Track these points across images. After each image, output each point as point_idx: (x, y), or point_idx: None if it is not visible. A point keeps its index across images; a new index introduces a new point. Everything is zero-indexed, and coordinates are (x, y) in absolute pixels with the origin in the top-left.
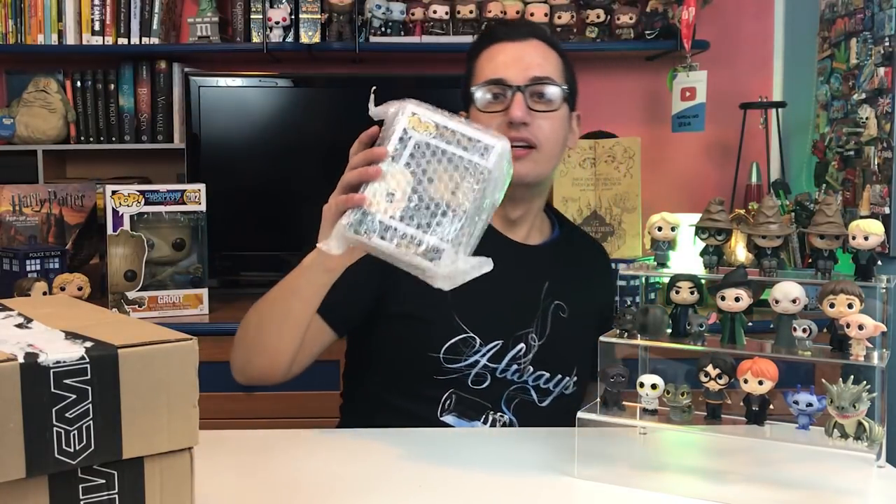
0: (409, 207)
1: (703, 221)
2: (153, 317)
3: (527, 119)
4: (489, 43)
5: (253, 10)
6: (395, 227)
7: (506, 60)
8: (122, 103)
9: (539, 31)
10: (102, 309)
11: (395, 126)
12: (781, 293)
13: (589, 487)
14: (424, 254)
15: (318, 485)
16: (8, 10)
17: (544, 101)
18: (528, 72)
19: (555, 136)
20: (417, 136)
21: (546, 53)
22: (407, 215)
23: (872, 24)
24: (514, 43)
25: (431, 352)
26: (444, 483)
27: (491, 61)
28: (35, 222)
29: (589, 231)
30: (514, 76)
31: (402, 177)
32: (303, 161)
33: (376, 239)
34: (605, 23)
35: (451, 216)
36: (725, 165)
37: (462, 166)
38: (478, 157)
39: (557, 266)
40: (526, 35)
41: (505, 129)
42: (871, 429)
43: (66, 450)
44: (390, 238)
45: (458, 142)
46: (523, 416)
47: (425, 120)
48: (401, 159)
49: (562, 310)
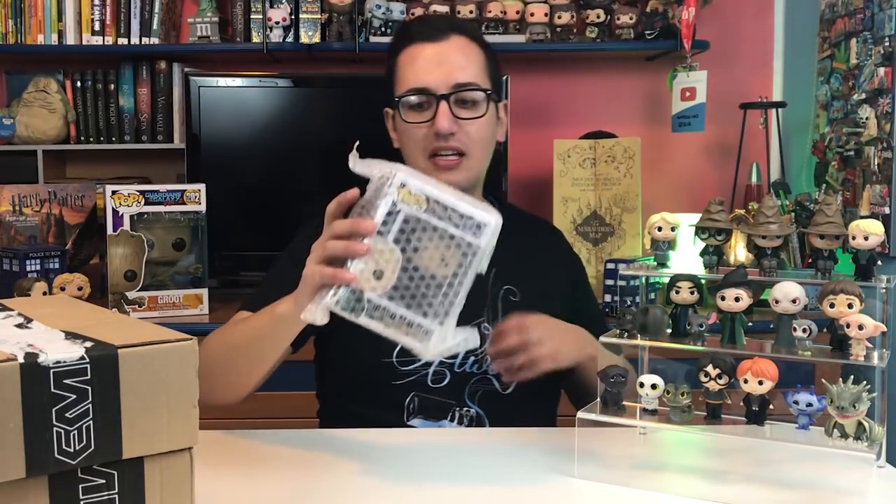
0: (398, 285)
1: (703, 221)
2: (153, 317)
3: (453, 129)
4: (408, 42)
5: (253, 10)
6: (384, 307)
7: (426, 65)
8: (122, 103)
9: (458, 25)
10: (102, 309)
11: (384, 197)
12: (781, 293)
13: (589, 487)
14: (414, 335)
15: (319, 484)
16: (8, 10)
17: (470, 108)
18: (451, 77)
19: (483, 139)
20: (407, 210)
21: (468, 50)
22: (396, 294)
23: (872, 24)
24: (433, 44)
25: (384, 357)
26: (444, 483)
27: (412, 65)
28: (35, 222)
29: (589, 231)
30: (437, 83)
31: (391, 255)
32: (303, 161)
33: (364, 318)
34: (605, 23)
35: (439, 293)
36: (725, 165)
37: (453, 244)
38: (470, 235)
39: (502, 249)
40: (445, 32)
41: (432, 140)
42: (871, 429)
43: (66, 450)
44: (379, 318)
45: (449, 218)
46: (489, 407)
47: (416, 192)
48: (389, 235)
49: (512, 294)
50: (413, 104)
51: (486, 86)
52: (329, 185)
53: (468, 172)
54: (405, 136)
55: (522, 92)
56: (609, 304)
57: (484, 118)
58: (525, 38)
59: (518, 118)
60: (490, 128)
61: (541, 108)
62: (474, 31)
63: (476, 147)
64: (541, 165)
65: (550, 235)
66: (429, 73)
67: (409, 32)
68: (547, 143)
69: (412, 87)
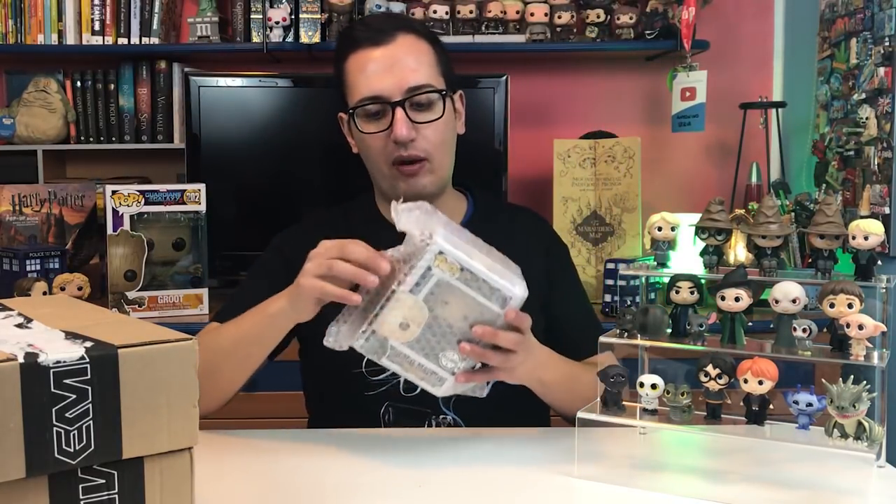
0: (420, 337)
1: (703, 221)
2: (153, 317)
3: (412, 135)
4: (354, 48)
5: (253, 10)
6: (405, 354)
7: (377, 71)
8: (122, 103)
9: (403, 22)
10: (102, 309)
11: (420, 261)
12: (781, 293)
13: (589, 487)
14: (429, 380)
15: (319, 484)
16: (8, 10)
17: (426, 110)
18: (403, 82)
19: (444, 140)
20: (440, 275)
21: (417, 49)
22: (417, 345)
23: (872, 24)
24: (380, 48)
25: (353, 367)
26: (444, 483)
27: (361, 72)
28: (35, 222)
29: (589, 231)
30: (390, 89)
31: (419, 312)
32: (303, 161)
33: (385, 360)
34: (605, 23)
35: (455, 347)
36: (725, 165)
37: (478, 309)
38: (497, 306)
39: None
40: (391, 33)
41: (392, 149)
42: (871, 429)
43: (66, 450)
44: (400, 362)
45: (479, 288)
46: (466, 412)
47: (451, 261)
48: (420, 294)
49: None
50: (369, 117)
51: (439, 84)
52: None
53: (433, 175)
54: (363, 145)
55: (522, 92)
56: (609, 304)
57: (442, 119)
58: (525, 38)
59: (518, 118)
60: (449, 127)
61: (541, 108)
62: (420, 26)
63: (437, 149)
64: (541, 165)
65: (530, 226)
66: (380, 79)
67: (354, 36)
68: (547, 143)
69: (365, 97)
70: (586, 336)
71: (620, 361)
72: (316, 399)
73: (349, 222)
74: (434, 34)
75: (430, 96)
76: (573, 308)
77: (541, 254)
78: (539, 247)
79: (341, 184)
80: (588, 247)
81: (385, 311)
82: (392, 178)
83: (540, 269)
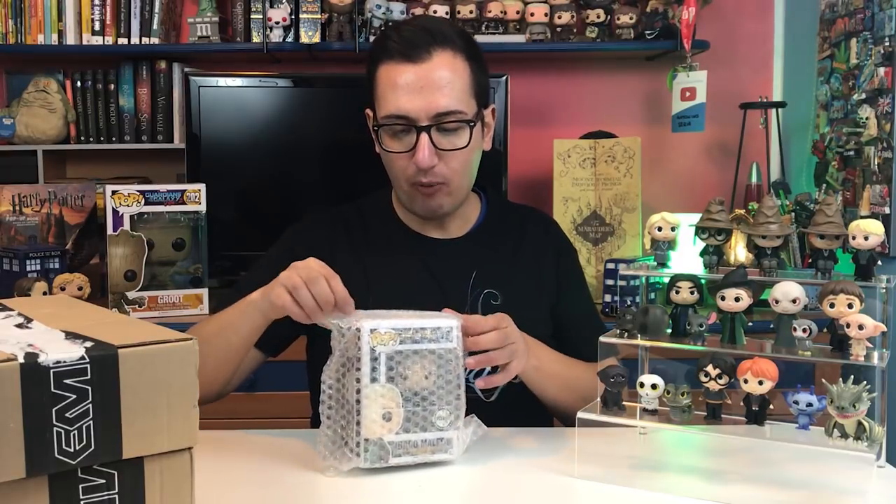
0: (407, 416)
1: (703, 221)
2: (153, 317)
3: (434, 162)
4: (387, 58)
5: (253, 10)
6: (406, 440)
7: (407, 91)
8: (122, 103)
9: (441, 37)
10: (102, 309)
11: (363, 348)
12: (781, 293)
13: (589, 487)
14: (440, 449)
15: (319, 485)
16: (8, 10)
17: (452, 136)
18: (432, 107)
19: (467, 164)
20: (386, 349)
21: (452, 69)
22: (409, 424)
23: (872, 24)
24: (413, 65)
25: None
26: (444, 483)
27: (392, 89)
28: (35, 222)
29: (589, 231)
30: (418, 112)
31: (391, 394)
32: (303, 161)
33: (394, 460)
34: (605, 23)
35: (439, 403)
36: (725, 165)
37: (434, 358)
38: (445, 342)
39: (485, 252)
40: (427, 50)
41: (413, 171)
42: (871, 429)
43: (66, 450)
44: (405, 452)
45: (423, 338)
46: (467, 411)
47: (385, 331)
48: (381, 377)
49: (493, 297)
50: (394, 136)
51: (470, 108)
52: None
53: (451, 198)
54: (386, 158)
55: (522, 92)
56: (609, 304)
57: (468, 147)
58: (525, 38)
59: (518, 118)
60: (475, 151)
61: (541, 108)
62: (458, 40)
63: (457, 174)
64: (541, 165)
65: (541, 228)
66: (409, 100)
67: (388, 47)
68: (547, 143)
69: (392, 114)
70: (589, 339)
71: (620, 361)
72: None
73: (364, 219)
74: (472, 45)
75: (458, 126)
76: (578, 311)
77: (552, 256)
78: (550, 249)
79: (341, 184)
80: (588, 247)
81: (364, 415)
82: (410, 195)
83: (550, 272)
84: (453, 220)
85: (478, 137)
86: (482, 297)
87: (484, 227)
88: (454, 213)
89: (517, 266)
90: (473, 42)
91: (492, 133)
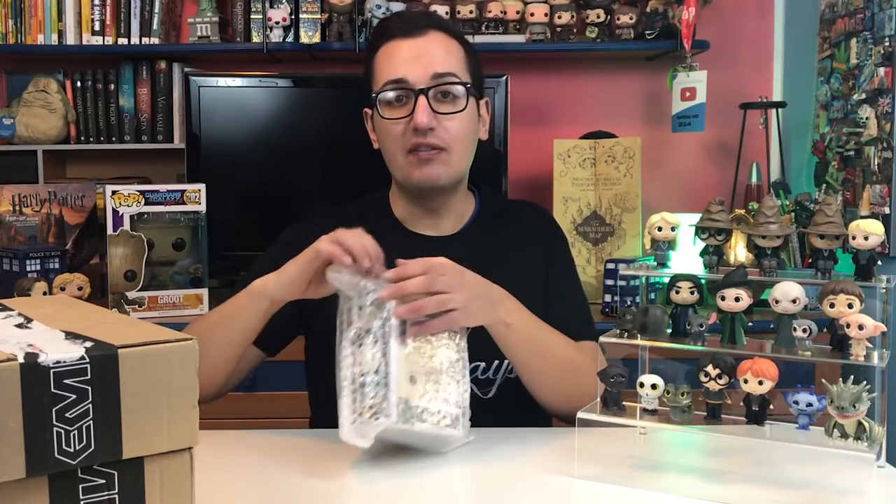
0: (426, 381)
1: (703, 221)
2: (153, 317)
3: (433, 124)
4: (386, 39)
5: (253, 10)
6: (425, 409)
7: (405, 58)
8: (122, 103)
9: (437, 21)
10: (102, 309)
11: (391, 320)
12: (781, 293)
13: (589, 487)
14: (448, 426)
15: (319, 485)
16: (8, 10)
17: (449, 102)
18: (430, 69)
19: (464, 135)
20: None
21: (447, 45)
22: (427, 393)
23: (872, 24)
24: (412, 39)
25: None
26: (444, 483)
27: (389, 60)
28: (35, 222)
29: (589, 231)
30: (416, 76)
31: (415, 358)
32: (303, 161)
33: (417, 424)
34: (605, 23)
35: (451, 379)
36: (725, 165)
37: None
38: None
39: (478, 248)
40: (424, 28)
41: (411, 136)
42: (871, 429)
43: (66, 450)
44: (423, 420)
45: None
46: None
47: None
48: (408, 343)
49: None
50: (391, 99)
51: (466, 79)
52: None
53: (448, 167)
54: (383, 133)
55: (522, 92)
56: (609, 304)
57: (464, 113)
58: (525, 38)
59: (518, 118)
60: (471, 124)
61: (541, 108)
62: (454, 28)
63: (456, 142)
64: (541, 165)
65: (532, 218)
66: (407, 65)
67: (387, 29)
68: (547, 143)
69: (389, 80)
70: (572, 324)
71: (620, 362)
72: (319, 397)
73: (361, 218)
74: (466, 40)
75: (455, 88)
76: (564, 295)
77: (541, 245)
78: (539, 239)
79: (341, 184)
80: (588, 247)
81: (393, 376)
82: (407, 166)
83: (539, 262)
84: (447, 217)
85: (473, 113)
86: None
87: (477, 222)
88: (449, 208)
89: (510, 259)
90: (467, 40)
91: (487, 126)
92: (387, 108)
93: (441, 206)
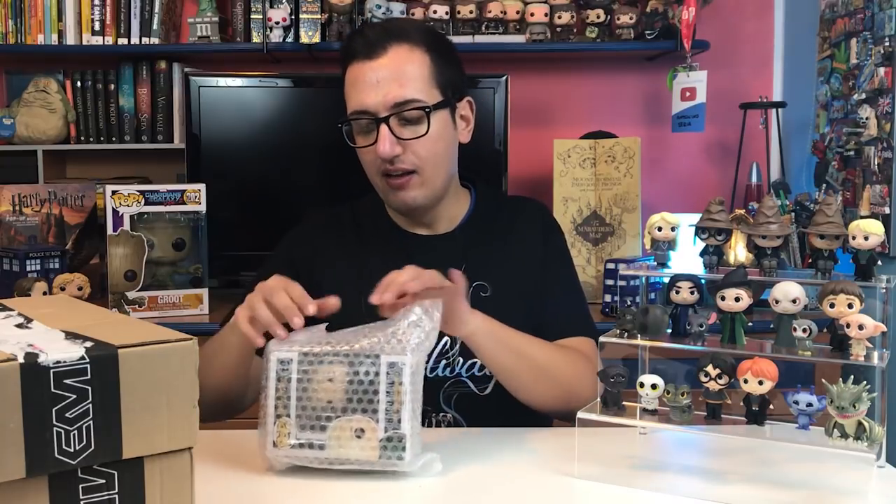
0: None
1: (703, 221)
2: (153, 317)
3: (396, 151)
4: (350, 60)
5: (253, 10)
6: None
7: (365, 87)
8: (122, 103)
9: (397, 32)
10: (102, 309)
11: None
12: (781, 293)
13: (589, 487)
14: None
15: (319, 484)
16: (8, 10)
17: (412, 127)
18: (388, 98)
19: (434, 154)
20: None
21: (410, 60)
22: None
23: (872, 24)
24: (371, 62)
25: None
26: (444, 482)
27: (353, 87)
28: (35, 222)
29: (589, 231)
30: (376, 105)
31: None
32: (303, 161)
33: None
34: (605, 23)
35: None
36: (725, 165)
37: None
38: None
39: (473, 246)
40: (384, 44)
41: (380, 162)
42: (871, 429)
43: (66, 450)
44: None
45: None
46: (466, 410)
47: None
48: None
49: (483, 289)
50: (358, 132)
51: (431, 97)
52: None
53: (423, 188)
54: (359, 157)
55: (522, 92)
56: (609, 304)
57: (428, 135)
58: (525, 38)
59: (518, 118)
60: (441, 140)
61: (541, 108)
62: (416, 34)
63: (427, 163)
64: (541, 165)
65: (529, 215)
66: (367, 94)
67: (351, 47)
68: (547, 143)
69: (354, 110)
70: (569, 320)
71: (620, 362)
72: None
73: (357, 220)
74: (436, 41)
75: (416, 115)
76: (560, 291)
77: (538, 242)
78: (536, 235)
79: (341, 184)
80: (588, 247)
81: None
82: (384, 188)
83: (536, 259)
84: (441, 217)
85: (444, 126)
86: (471, 290)
87: (472, 220)
88: (441, 210)
89: (507, 257)
90: (439, 37)
91: (471, 126)
92: (357, 136)
93: (429, 214)
